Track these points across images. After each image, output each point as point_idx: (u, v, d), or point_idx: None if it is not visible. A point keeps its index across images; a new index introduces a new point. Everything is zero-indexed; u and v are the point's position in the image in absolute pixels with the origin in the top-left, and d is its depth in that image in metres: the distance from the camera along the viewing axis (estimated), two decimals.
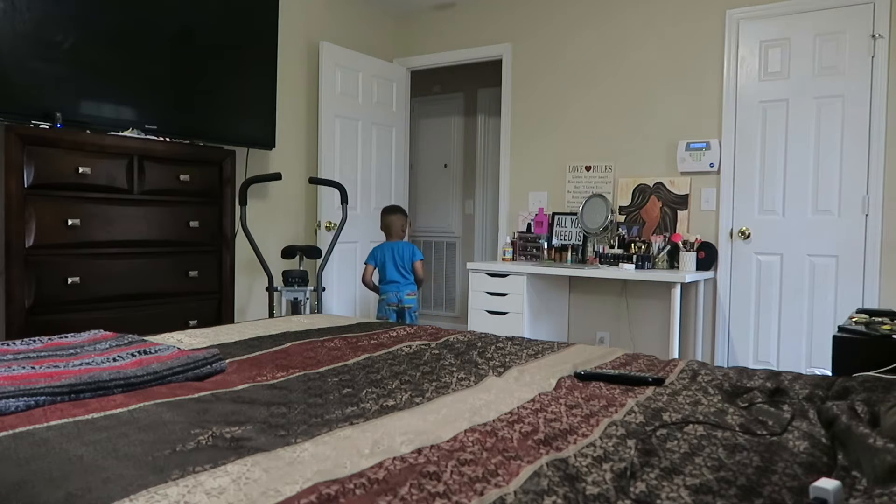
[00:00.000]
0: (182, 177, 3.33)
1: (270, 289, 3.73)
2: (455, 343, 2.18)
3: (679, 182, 4.12)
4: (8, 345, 1.83)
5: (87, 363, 1.60)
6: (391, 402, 1.44)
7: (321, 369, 1.77)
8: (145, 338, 2.11)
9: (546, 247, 4.47)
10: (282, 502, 0.91)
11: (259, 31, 3.95)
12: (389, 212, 4.15)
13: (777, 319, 3.86)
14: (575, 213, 4.42)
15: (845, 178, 3.65)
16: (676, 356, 3.71)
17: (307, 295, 3.78)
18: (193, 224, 3.39)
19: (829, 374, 2.08)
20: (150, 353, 1.73)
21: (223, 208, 3.55)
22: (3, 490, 0.95)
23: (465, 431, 1.23)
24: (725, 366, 3.31)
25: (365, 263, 4.08)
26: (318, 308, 3.84)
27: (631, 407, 1.43)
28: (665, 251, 4.01)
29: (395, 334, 2.33)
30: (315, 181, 3.88)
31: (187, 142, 3.50)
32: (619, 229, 4.24)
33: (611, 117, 4.39)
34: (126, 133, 3.23)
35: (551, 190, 4.64)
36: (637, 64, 4.28)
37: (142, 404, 1.38)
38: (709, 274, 3.98)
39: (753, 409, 1.43)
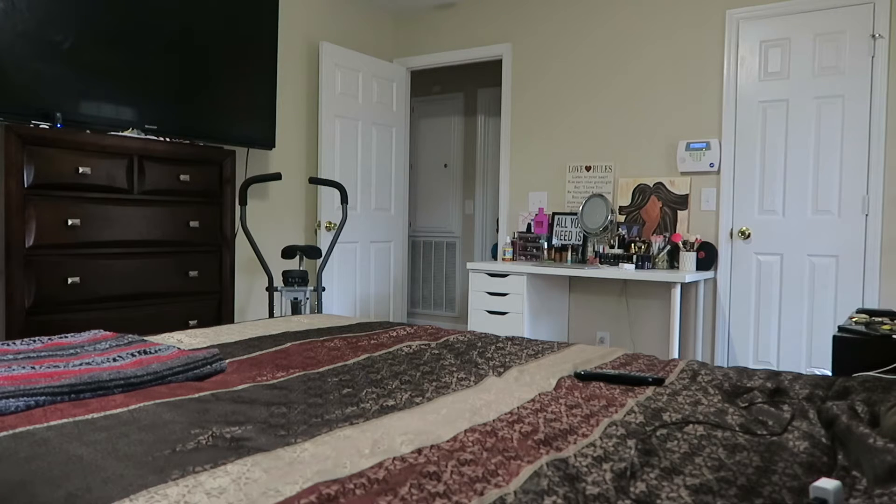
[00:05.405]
0: (182, 177, 3.33)
1: (270, 289, 3.73)
2: (455, 343, 2.18)
3: (679, 182, 4.12)
4: (8, 345, 1.83)
5: (87, 363, 1.60)
6: (391, 402, 1.44)
7: (321, 369, 1.77)
8: (145, 338, 2.11)
9: (546, 247, 4.47)
10: (282, 502, 0.91)
11: (259, 32, 3.95)
12: None
13: (777, 319, 3.86)
14: (575, 213, 4.42)
15: (845, 178, 3.65)
16: (676, 356, 3.71)
17: (307, 295, 3.78)
18: (193, 224, 3.39)
19: (829, 374, 2.08)
20: (150, 353, 1.73)
21: (223, 208, 3.55)
22: (3, 490, 0.95)
23: (465, 431, 1.23)
24: (725, 366, 3.31)
25: None
26: (318, 308, 3.84)
27: (631, 407, 1.43)
28: (665, 251, 4.01)
29: (394, 334, 2.33)
30: (315, 181, 3.88)
31: (187, 142, 3.50)
32: (619, 229, 4.24)
33: (611, 117, 4.39)
34: (126, 133, 3.23)
35: (551, 190, 4.63)
36: (637, 64, 4.28)
37: (142, 404, 1.38)
38: (709, 274, 3.98)
39: (753, 409, 1.43)
